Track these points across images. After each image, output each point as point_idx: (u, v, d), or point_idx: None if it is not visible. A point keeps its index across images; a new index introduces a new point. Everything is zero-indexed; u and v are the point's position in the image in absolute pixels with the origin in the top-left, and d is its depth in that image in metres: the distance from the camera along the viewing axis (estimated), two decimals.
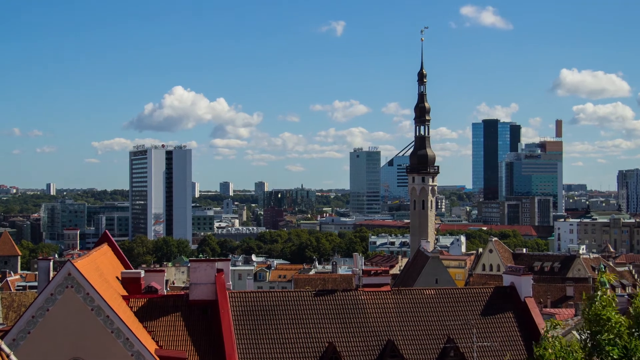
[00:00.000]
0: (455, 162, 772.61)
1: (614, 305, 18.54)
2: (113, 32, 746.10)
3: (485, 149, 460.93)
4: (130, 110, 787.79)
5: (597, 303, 18.45)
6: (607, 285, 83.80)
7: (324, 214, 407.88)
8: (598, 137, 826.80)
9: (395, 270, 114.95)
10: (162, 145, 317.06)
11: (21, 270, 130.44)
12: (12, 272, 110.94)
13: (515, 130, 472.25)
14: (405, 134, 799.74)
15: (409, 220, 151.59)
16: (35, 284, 69.20)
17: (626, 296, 71.40)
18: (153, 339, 29.12)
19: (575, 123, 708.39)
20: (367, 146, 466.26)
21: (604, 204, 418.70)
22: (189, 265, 61.98)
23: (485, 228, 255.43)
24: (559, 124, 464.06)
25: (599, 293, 18.76)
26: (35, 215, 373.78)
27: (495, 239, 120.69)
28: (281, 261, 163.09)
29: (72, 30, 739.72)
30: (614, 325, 18.05)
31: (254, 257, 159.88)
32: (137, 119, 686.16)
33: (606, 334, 17.99)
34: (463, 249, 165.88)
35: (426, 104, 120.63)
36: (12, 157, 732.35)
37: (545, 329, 19.56)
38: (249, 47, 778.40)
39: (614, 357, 17.58)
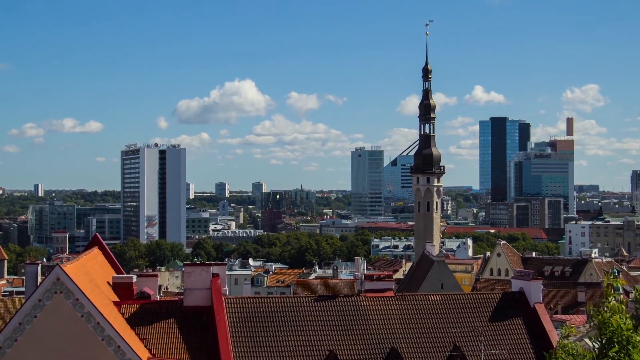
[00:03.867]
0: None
1: (624, 311, 18.39)
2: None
3: (493, 148, 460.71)
4: (167, 105, 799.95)
5: (606, 311, 18.29)
6: (620, 290, 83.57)
7: (325, 216, 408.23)
8: None
9: (399, 275, 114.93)
10: (155, 144, 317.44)
11: (8, 275, 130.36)
12: None
13: (524, 129, 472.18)
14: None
15: (413, 223, 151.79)
16: (23, 289, 68.98)
17: None
18: (146, 346, 29.12)
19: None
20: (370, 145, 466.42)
21: (617, 206, 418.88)
22: (183, 269, 62.04)
23: (492, 231, 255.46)
24: (570, 121, 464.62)
25: (610, 299, 18.60)
26: (23, 217, 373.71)
27: (504, 242, 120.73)
28: (280, 265, 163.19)
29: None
30: (623, 334, 17.89)
31: (251, 261, 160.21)
32: (176, 113, 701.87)
33: (615, 346, 17.84)
34: (470, 253, 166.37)
35: (431, 101, 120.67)
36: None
37: (560, 336, 19.37)
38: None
39: None
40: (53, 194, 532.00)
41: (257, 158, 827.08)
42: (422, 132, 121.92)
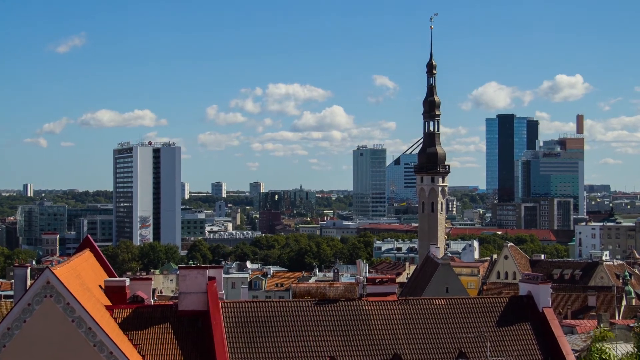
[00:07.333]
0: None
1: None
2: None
3: (500, 146, 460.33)
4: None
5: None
6: (632, 294, 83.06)
7: (325, 217, 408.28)
8: None
9: (402, 278, 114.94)
10: (149, 142, 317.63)
11: None
12: None
13: (532, 126, 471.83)
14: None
15: (417, 224, 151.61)
16: (11, 293, 69.19)
17: None
18: (139, 352, 29.14)
19: None
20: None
21: (628, 207, 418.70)
22: (178, 272, 62.18)
23: (499, 232, 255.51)
24: (580, 119, 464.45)
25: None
26: (11, 218, 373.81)
27: (511, 244, 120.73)
28: (278, 268, 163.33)
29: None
30: None
31: (248, 264, 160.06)
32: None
33: None
34: (476, 255, 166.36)
35: (436, 98, 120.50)
36: None
37: (593, 338, 19.19)
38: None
39: None
40: (43, 194, 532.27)
41: (279, 155, 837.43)
42: (426, 130, 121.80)
